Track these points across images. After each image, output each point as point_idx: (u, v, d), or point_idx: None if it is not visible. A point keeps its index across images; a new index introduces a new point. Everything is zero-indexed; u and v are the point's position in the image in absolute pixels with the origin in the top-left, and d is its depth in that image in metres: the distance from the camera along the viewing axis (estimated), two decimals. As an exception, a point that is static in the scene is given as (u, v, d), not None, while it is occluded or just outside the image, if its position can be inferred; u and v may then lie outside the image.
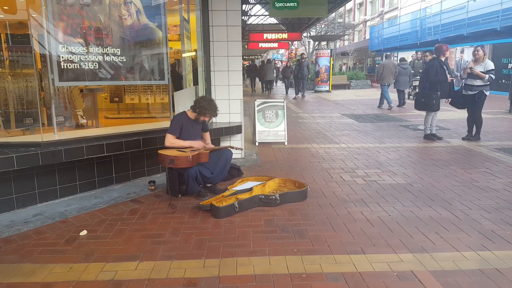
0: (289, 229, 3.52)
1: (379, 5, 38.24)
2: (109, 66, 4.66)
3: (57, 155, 4.12)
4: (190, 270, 2.82)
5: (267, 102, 7.57)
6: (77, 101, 6.02)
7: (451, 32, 20.56)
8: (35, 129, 5.05)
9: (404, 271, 2.78)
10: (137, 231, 3.51)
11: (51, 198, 4.32)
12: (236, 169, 5.09)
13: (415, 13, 26.02)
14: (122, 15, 4.74)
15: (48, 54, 4.27)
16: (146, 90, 7.89)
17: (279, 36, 23.59)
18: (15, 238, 3.40)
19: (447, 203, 4.12)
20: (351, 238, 3.33)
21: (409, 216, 3.78)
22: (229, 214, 3.82)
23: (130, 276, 2.76)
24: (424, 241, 3.25)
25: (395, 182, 4.86)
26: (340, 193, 4.48)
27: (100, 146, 4.43)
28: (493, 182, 4.83)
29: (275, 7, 11.48)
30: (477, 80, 7.02)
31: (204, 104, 4.31)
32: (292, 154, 6.49)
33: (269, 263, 2.91)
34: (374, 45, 32.18)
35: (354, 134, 8.24)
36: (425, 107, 7.52)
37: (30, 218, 3.85)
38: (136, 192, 4.62)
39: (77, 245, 3.24)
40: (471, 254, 3.03)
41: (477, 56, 7.11)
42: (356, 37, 43.69)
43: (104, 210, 4.04)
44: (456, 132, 8.27)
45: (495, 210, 3.91)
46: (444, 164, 5.68)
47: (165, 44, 5.15)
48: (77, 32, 4.43)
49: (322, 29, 35.16)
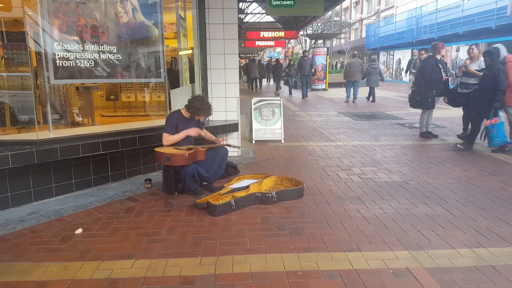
0: (285, 226, 3.52)
1: (375, 4, 38.30)
2: (105, 64, 4.64)
3: (53, 153, 4.10)
4: (187, 268, 2.82)
5: (263, 100, 7.57)
6: (72, 99, 5.99)
7: (446, 30, 20.65)
8: (31, 127, 5.02)
9: (400, 268, 2.79)
10: (133, 229, 3.50)
11: (47, 197, 4.30)
12: (233, 167, 5.09)
13: (411, 11, 26.11)
14: (118, 12, 4.72)
15: (44, 52, 4.25)
16: (143, 88, 7.85)
17: (275, 34, 23.65)
18: (10, 237, 3.38)
19: (442, 201, 4.14)
20: (347, 235, 3.34)
21: (405, 214, 3.80)
22: (226, 212, 3.82)
23: (126, 274, 2.75)
24: (419, 239, 3.26)
25: (391, 180, 4.88)
26: (336, 191, 4.49)
27: (96, 144, 4.42)
28: (488, 179, 4.85)
29: (272, 5, 11.47)
30: (472, 78, 7.04)
31: (197, 104, 4.31)
32: (289, 152, 6.50)
33: (266, 261, 2.91)
34: (371, 43, 32.25)
35: (351, 132, 8.25)
36: (420, 105, 7.58)
37: (26, 217, 3.83)
38: (132, 190, 4.61)
39: (73, 244, 3.23)
40: (466, 251, 3.04)
41: (472, 54, 7.13)
42: (352, 35, 43.77)
43: (100, 208, 4.03)
44: (451, 130, 8.30)
45: (490, 208, 3.93)
46: (440, 162, 5.70)
47: (161, 42, 5.13)
48: (73, 29, 4.41)
49: (318, 28, 35.21)
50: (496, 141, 6.20)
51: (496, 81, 6.03)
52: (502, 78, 6.01)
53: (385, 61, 31.68)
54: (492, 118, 6.08)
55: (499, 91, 6.01)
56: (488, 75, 6.26)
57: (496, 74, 6.06)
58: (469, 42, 14.18)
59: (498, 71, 6.07)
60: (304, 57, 17.23)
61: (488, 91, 6.16)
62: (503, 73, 6.05)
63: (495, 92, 6.03)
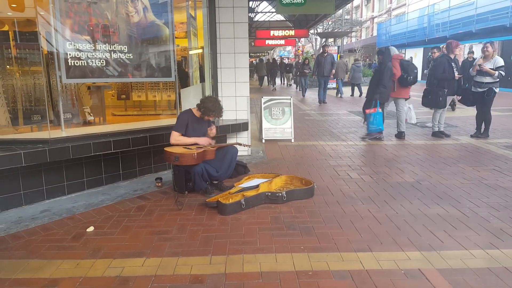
0: (295, 226, 3.51)
1: (387, 2, 37.95)
2: (116, 63, 4.67)
3: (65, 152, 4.14)
4: (197, 267, 2.82)
5: (273, 99, 7.55)
6: (84, 98, 6.04)
7: (459, 28, 20.33)
8: (43, 126, 5.08)
9: (411, 269, 2.76)
10: (144, 228, 3.52)
11: (59, 195, 4.35)
12: (243, 166, 5.09)
13: (423, 9, 25.78)
14: (129, 12, 4.75)
15: (56, 52, 4.29)
16: (153, 87, 7.89)
17: (286, 33, 23.53)
18: (23, 234, 3.43)
19: (455, 201, 4.08)
20: (358, 235, 3.31)
21: (417, 214, 3.75)
22: (236, 211, 3.82)
23: (137, 272, 2.77)
24: (432, 239, 3.22)
25: (403, 180, 4.83)
26: (347, 191, 4.45)
27: (107, 143, 4.45)
28: (502, 180, 4.77)
29: (282, 3, 11.42)
30: (486, 77, 6.94)
31: (209, 105, 4.31)
32: (299, 151, 6.47)
33: (276, 261, 2.90)
34: (382, 42, 31.93)
35: (361, 131, 8.18)
36: (431, 104, 7.52)
37: (38, 214, 3.88)
38: (143, 188, 4.63)
39: (84, 241, 3.26)
40: (479, 252, 3.00)
41: (486, 53, 7.02)
42: (363, 34, 43.41)
43: (111, 207, 4.06)
44: (464, 129, 8.19)
45: (504, 208, 3.87)
46: (452, 162, 5.63)
47: (172, 41, 5.15)
48: (84, 29, 4.44)
49: (329, 26, 35.00)
50: (371, 128, 7.13)
51: (380, 77, 6.93)
52: (385, 75, 6.89)
53: (397, 59, 31.35)
54: (373, 108, 6.94)
55: (381, 85, 6.90)
56: (377, 70, 7.28)
57: (382, 71, 6.93)
58: (483, 41, 13.95)
59: (384, 68, 6.91)
60: (323, 54, 13.96)
61: (373, 85, 7.12)
62: (388, 70, 6.91)
63: (378, 85, 6.92)
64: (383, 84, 6.89)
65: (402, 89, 7.26)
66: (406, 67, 7.14)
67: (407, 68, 7.13)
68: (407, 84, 7.18)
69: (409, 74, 7.08)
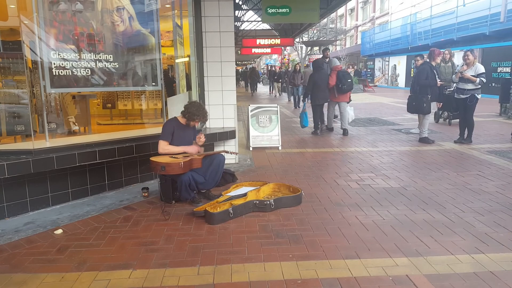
0: (284, 234, 3.50)
1: (370, 11, 38.59)
2: (101, 72, 4.64)
3: (49, 163, 4.07)
4: (185, 278, 2.79)
5: (260, 107, 7.58)
6: (69, 107, 5.97)
7: (441, 36, 20.82)
8: (27, 136, 4.99)
9: (399, 276, 2.77)
10: (130, 239, 3.47)
11: (43, 206, 4.27)
12: (230, 174, 5.07)
13: (406, 18, 26.34)
14: (115, 21, 4.73)
15: (40, 61, 4.24)
16: (139, 96, 7.85)
17: (272, 42, 23.76)
18: (5, 248, 3.34)
19: (440, 206, 4.14)
20: (346, 242, 3.33)
21: (403, 220, 3.79)
22: (224, 220, 3.80)
23: (124, 284, 2.72)
24: (418, 245, 3.25)
25: (389, 186, 4.87)
26: (334, 198, 4.48)
27: (92, 153, 4.39)
28: (486, 184, 4.86)
29: (268, 13, 11.53)
30: (468, 84, 7.10)
31: (193, 109, 4.29)
32: (286, 158, 6.49)
33: (264, 270, 2.89)
34: (366, 50, 32.47)
35: (347, 138, 8.26)
36: (416, 110, 7.75)
37: (21, 227, 3.79)
38: (129, 199, 4.58)
39: (69, 254, 3.20)
40: (465, 257, 3.03)
41: (467, 60, 7.19)
42: (348, 42, 44.02)
43: (97, 218, 4.00)
44: (447, 135, 8.33)
45: (489, 213, 3.93)
46: (437, 167, 5.71)
47: (158, 50, 5.14)
48: (69, 38, 4.40)
49: (314, 35, 35.42)
50: (300, 124, 8.97)
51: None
52: None
53: (381, 67, 31.88)
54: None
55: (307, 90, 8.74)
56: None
57: None
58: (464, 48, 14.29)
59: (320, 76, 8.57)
60: (324, 59, 9.78)
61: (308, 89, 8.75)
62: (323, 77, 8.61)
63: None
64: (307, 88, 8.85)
65: (342, 95, 8.59)
66: (341, 77, 8.41)
67: (342, 78, 8.39)
68: (343, 92, 8.50)
69: (343, 83, 8.36)
